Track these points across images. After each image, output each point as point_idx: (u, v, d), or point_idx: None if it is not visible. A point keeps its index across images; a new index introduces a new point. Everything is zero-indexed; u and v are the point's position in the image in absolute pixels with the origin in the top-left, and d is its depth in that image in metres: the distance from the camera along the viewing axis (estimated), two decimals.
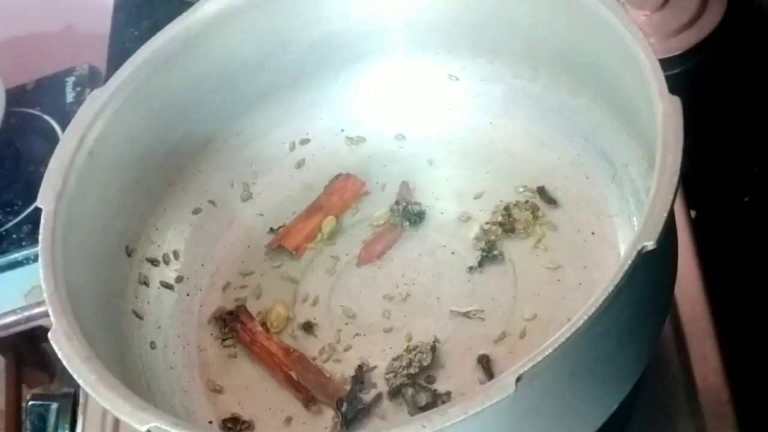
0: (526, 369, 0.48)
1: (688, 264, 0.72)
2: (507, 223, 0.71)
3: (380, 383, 0.66)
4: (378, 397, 0.66)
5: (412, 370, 0.65)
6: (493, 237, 0.71)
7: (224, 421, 0.67)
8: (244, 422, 0.67)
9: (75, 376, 0.54)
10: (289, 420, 0.66)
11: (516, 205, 0.72)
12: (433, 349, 0.66)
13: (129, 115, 0.69)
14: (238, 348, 0.71)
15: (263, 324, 0.71)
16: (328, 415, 0.66)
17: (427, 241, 0.73)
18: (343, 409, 0.65)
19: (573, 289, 0.68)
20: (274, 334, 0.70)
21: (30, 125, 1.06)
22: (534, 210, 0.72)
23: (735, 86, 0.94)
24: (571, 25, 0.66)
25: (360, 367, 0.67)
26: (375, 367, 0.67)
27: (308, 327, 0.71)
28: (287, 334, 0.71)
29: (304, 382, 0.67)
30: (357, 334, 0.70)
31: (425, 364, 0.66)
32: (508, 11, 0.70)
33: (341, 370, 0.68)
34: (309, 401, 0.66)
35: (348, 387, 0.66)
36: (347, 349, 0.69)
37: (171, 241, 0.74)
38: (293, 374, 0.68)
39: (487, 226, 0.72)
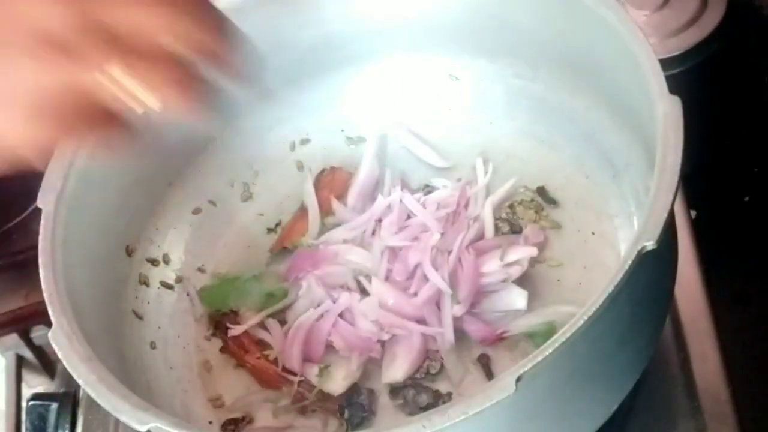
0: (526, 369, 0.48)
1: (688, 264, 0.72)
2: (511, 221, 0.71)
3: (380, 383, 0.66)
4: (376, 397, 0.66)
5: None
6: None
7: (224, 422, 0.67)
8: (243, 419, 0.67)
9: (75, 376, 0.54)
10: (288, 418, 0.67)
11: (520, 203, 0.72)
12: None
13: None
14: None
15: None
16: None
17: None
18: (346, 415, 0.65)
19: (573, 289, 0.68)
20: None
21: None
22: (538, 209, 0.72)
23: (735, 86, 0.94)
24: (571, 25, 0.66)
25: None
26: (375, 368, 0.67)
27: None
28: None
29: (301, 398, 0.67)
30: None
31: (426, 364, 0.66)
32: (508, 11, 0.70)
33: (341, 369, 0.68)
34: (306, 409, 0.66)
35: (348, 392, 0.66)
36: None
37: (171, 241, 0.74)
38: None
39: None
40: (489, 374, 0.65)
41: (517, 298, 0.66)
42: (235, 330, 0.70)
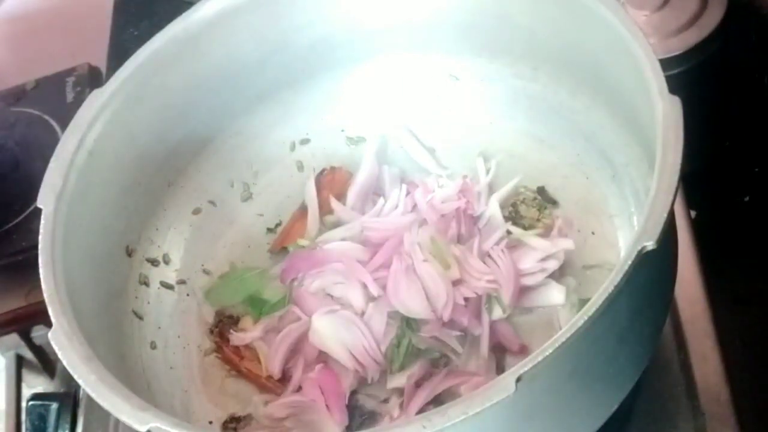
0: (526, 369, 0.48)
1: (688, 264, 0.72)
2: (513, 219, 0.71)
3: (381, 385, 0.66)
4: (377, 399, 0.66)
5: None
6: None
7: (224, 422, 0.67)
8: (243, 418, 0.67)
9: (75, 377, 0.54)
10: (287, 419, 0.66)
11: (523, 201, 0.72)
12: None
13: (129, 115, 0.69)
14: None
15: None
16: None
17: None
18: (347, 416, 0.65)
19: (573, 289, 0.68)
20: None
21: (30, 125, 1.06)
22: (540, 207, 0.72)
23: (735, 86, 0.94)
24: (571, 25, 0.66)
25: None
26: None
27: None
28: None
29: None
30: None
31: None
32: (508, 11, 0.70)
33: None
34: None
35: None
36: None
37: (171, 241, 0.74)
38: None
39: None
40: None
41: (555, 294, 0.66)
42: (237, 339, 0.69)
